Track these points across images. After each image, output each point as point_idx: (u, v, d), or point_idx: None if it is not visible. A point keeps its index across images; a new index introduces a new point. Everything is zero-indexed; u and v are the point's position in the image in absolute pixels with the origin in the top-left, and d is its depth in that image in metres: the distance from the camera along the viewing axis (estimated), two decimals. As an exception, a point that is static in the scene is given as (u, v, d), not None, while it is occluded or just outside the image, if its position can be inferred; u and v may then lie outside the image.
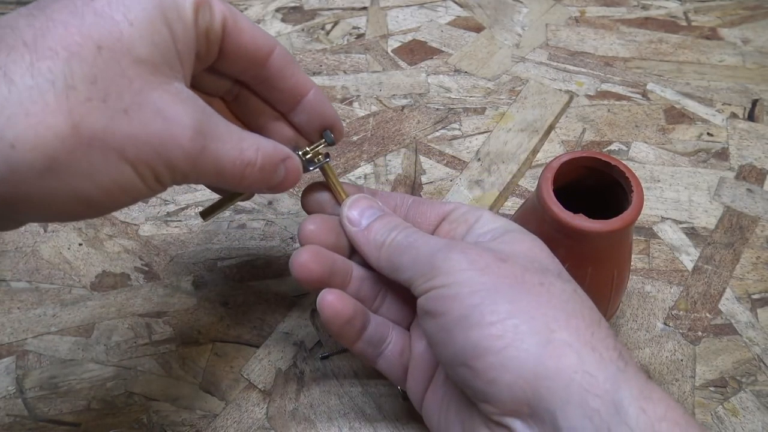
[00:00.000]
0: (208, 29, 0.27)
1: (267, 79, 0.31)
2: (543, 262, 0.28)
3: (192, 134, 0.25)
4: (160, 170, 0.25)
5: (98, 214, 0.26)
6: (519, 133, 0.50)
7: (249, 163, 0.28)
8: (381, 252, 0.31)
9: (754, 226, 0.45)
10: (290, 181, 0.31)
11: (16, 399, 0.38)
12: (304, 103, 0.32)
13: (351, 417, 0.38)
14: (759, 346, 0.40)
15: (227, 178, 0.28)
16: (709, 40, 0.56)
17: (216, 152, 0.26)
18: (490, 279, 0.26)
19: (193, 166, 0.26)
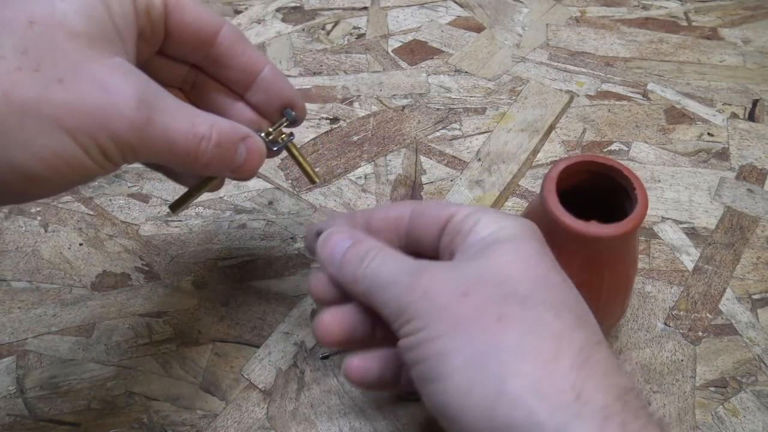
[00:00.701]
0: (148, 6, 0.28)
1: (219, 59, 0.31)
2: (513, 282, 0.26)
3: (135, 104, 0.25)
4: (104, 141, 0.24)
5: (47, 192, 0.26)
6: (519, 133, 0.50)
7: (203, 137, 0.27)
8: (357, 290, 0.29)
9: (755, 226, 0.45)
10: (253, 162, 0.30)
11: (17, 399, 0.38)
12: (260, 82, 0.32)
13: (351, 417, 0.38)
14: (759, 346, 0.40)
15: (181, 153, 0.27)
16: (710, 40, 0.56)
17: (164, 124, 0.26)
18: (447, 323, 0.25)
19: (140, 137, 0.25)
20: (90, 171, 0.25)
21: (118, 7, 0.26)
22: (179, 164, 0.28)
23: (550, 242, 0.32)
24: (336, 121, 0.51)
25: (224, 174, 0.30)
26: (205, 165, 0.28)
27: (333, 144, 0.50)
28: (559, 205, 0.31)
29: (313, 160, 0.49)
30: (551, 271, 0.27)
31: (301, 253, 0.44)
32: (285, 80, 0.33)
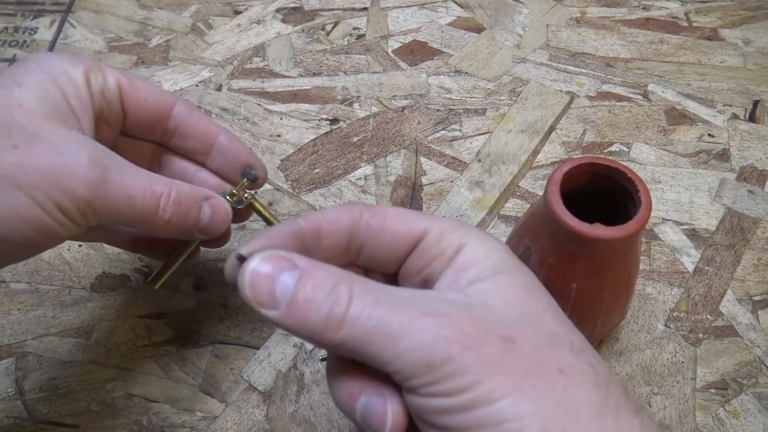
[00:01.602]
0: (103, 89, 0.30)
1: (176, 131, 0.34)
2: (545, 322, 0.23)
3: (89, 163, 0.27)
4: (59, 198, 0.26)
5: (13, 255, 0.27)
6: (520, 134, 0.50)
7: (162, 193, 0.29)
8: (334, 339, 0.22)
9: (755, 227, 0.45)
10: (219, 220, 0.32)
11: (16, 401, 0.38)
12: (217, 147, 0.34)
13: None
14: (760, 348, 0.40)
15: (141, 209, 0.29)
16: (710, 41, 0.56)
17: (122, 182, 0.28)
18: (509, 380, 0.21)
19: (96, 194, 0.27)
20: (50, 229, 0.26)
21: (72, 89, 0.29)
22: (142, 222, 0.29)
23: (553, 245, 0.32)
24: (336, 121, 0.51)
25: (191, 234, 0.32)
26: (167, 222, 0.30)
27: (333, 145, 0.50)
28: (564, 207, 0.31)
29: (313, 161, 0.49)
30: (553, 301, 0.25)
31: (300, 254, 0.44)
32: (240, 143, 0.35)
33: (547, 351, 0.22)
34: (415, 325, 0.21)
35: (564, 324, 0.24)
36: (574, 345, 0.23)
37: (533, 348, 0.22)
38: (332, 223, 0.25)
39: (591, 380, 0.22)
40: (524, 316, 0.23)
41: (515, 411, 0.21)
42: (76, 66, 0.30)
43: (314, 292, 0.22)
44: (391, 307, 0.22)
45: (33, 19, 0.59)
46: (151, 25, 0.59)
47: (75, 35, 0.58)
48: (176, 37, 0.57)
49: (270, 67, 0.55)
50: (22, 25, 0.59)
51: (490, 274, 0.24)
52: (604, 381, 0.22)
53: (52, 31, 0.58)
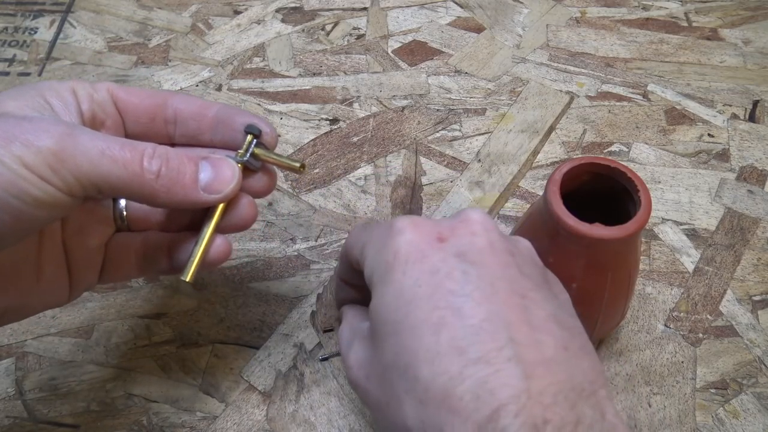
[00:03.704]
0: (91, 93, 0.30)
1: (176, 118, 0.32)
2: (406, 358, 0.25)
3: (54, 121, 0.26)
4: (19, 151, 0.24)
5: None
6: (519, 134, 0.50)
7: (144, 149, 0.27)
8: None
9: (755, 227, 0.45)
10: (224, 176, 0.29)
11: (16, 401, 0.38)
12: (216, 119, 0.32)
13: (351, 419, 0.37)
14: (760, 347, 0.40)
15: (122, 163, 0.26)
16: (710, 41, 0.56)
17: (93, 138, 0.26)
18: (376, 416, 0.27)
19: (61, 144, 0.25)
20: (15, 186, 0.24)
21: (55, 95, 0.28)
22: (127, 180, 0.27)
23: (553, 244, 0.32)
24: (336, 121, 0.51)
25: (196, 195, 0.29)
26: (158, 177, 0.27)
27: (333, 145, 0.50)
28: (564, 207, 0.31)
29: (313, 161, 0.49)
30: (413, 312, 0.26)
31: (300, 254, 0.44)
32: (238, 109, 0.33)
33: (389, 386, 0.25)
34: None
35: (417, 353, 0.24)
36: (417, 381, 0.24)
37: (382, 398, 0.26)
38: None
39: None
40: (394, 364, 0.25)
41: None
42: (62, 82, 0.30)
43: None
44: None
45: (33, 19, 0.59)
46: (151, 25, 0.59)
47: (75, 35, 0.58)
48: (176, 37, 0.57)
49: (270, 67, 0.55)
50: (22, 25, 0.58)
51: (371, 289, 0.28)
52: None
53: (52, 31, 0.58)
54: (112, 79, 0.54)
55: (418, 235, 0.27)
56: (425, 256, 0.26)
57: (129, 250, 0.33)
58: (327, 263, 0.44)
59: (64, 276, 0.31)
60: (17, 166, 0.24)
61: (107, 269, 0.32)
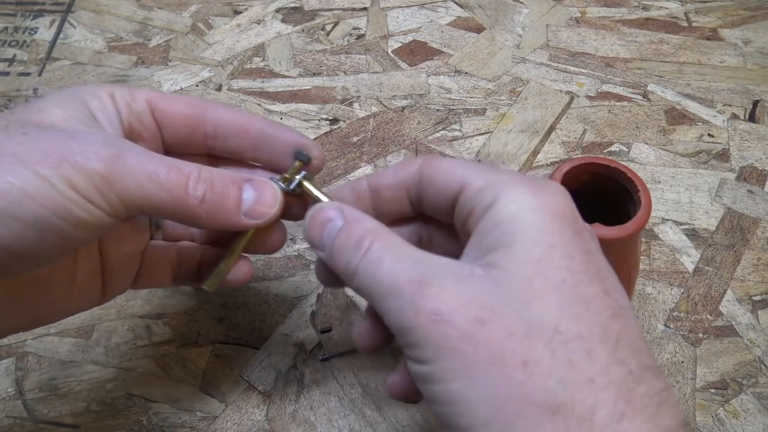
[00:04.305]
0: (129, 103, 0.29)
1: (217, 133, 0.31)
2: (538, 305, 0.22)
3: (102, 140, 0.25)
4: (68, 172, 0.24)
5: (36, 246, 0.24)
6: (519, 134, 0.50)
7: (190, 172, 0.26)
8: (353, 285, 0.25)
9: (755, 227, 0.45)
10: (266, 201, 0.28)
11: (16, 400, 0.38)
12: (262, 138, 0.31)
13: (351, 419, 0.37)
14: (760, 347, 0.40)
15: (168, 187, 0.26)
16: (710, 41, 0.56)
17: (140, 159, 0.26)
18: (463, 364, 0.22)
19: (110, 167, 0.25)
20: (62, 208, 0.24)
21: (97, 102, 0.28)
22: (171, 204, 0.26)
23: None
24: (336, 121, 0.51)
25: (237, 219, 0.28)
26: (201, 202, 0.27)
27: (333, 145, 0.50)
28: None
29: (313, 161, 0.49)
30: (583, 281, 0.23)
31: (300, 254, 0.44)
32: (286, 128, 0.32)
33: (516, 340, 0.21)
34: (399, 289, 0.23)
35: (566, 309, 0.22)
36: (559, 336, 0.22)
37: (503, 335, 0.22)
38: (390, 178, 0.28)
39: (558, 378, 0.21)
40: (516, 298, 0.22)
41: (464, 396, 0.21)
42: (102, 87, 0.29)
43: (343, 243, 0.25)
44: (391, 270, 0.24)
45: (33, 19, 0.59)
46: (151, 25, 0.59)
47: (75, 35, 0.58)
48: (176, 37, 0.57)
49: (270, 67, 0.55)
50: (22, 25, 0.59)
51: (506, 243, 0.23)
52: (581, 380, 0.21)
53: (52, 31, 0.58)
54: (111, 79, 0.54)
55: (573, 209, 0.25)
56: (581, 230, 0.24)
57: (164, 260, 0.33)
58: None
59: (98, 282, 0.31)
60: (65, 188, 0.24)
61: (141, 276, 0.32)
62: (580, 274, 0.23)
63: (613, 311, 0.23)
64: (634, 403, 0.21)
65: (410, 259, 0.24)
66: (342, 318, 0.41)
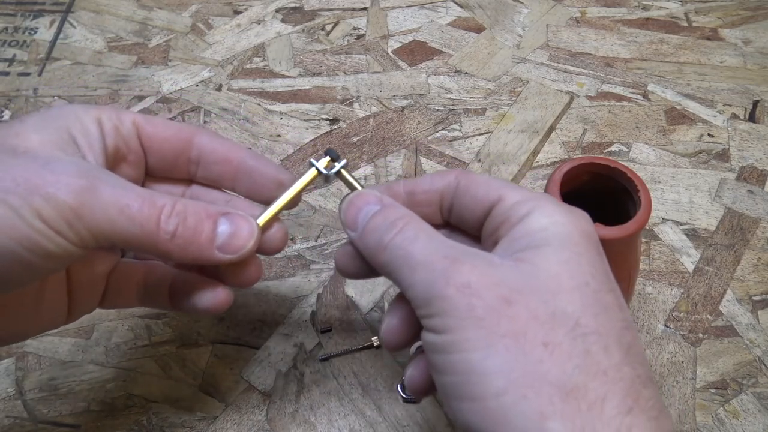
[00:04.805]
0: (117, 126, 0.29)
1: (200, 159, 0.31)
2: (563, 298, 0.23)
3: (75, 171, 0.25)
4: (38, 204, 0.23)
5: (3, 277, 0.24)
6: (519, 134, 0.50)
7: (163, 205, 0.26)
8: (380, 260, 0.26)
9: (755, 227, 0.45)
10: (241, 237, 0.28)
11: (16, 400, 0.38)
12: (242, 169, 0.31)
13: (351, 419, 0.37)
14: (760, 347, 0.40)
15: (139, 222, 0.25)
16: (710, 41, 0.56)
17: (113, 192, 0.25)
18: (485, 335, 0.22)
19: (81, 199, 0.24)
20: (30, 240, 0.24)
21: (79, 126, 0.28)
22: (143, 237, 0.26)
23: None
24: (336, 121, 0.51)
25: (210, 254, 0.28)
26: (173, 237, 0.26)
27: (333, 145, 0.50)
28: None
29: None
30: (603, 289, 0.24)
31: (300, 254, 0.44)
32: (266, 161, 0.32)
33: (540, 323, 0.23)
34: (431, 263, 0.24)
35: (587, 308, 0.23)
36: (579, 328, 0.23)
37: (527, 316, 0.23)
38: (426, 184, 0.29)
39: (575, 363, 0.22)
40: (543, 288, 0.23)
41: (482, 365, 0.22)
42: (88, 110, 0.29)
43: (378, 223, 0.27)
44: (425, 246, 0.25)
45: (33, 19, 0.59)
46: (151, 25, 0.59)
47: (75, 35, 0.58)
48: (176, 37, 0.57)
49: (270, 67, 0.55)
50: (22, 25, 0.59)
51: (537, 245, 0.24)
52: (596, 370, 0.22)
53: (52, 31, 0.58)
54: (111, 79, 0.54)
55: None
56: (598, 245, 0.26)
57: (131, 281, 0.32)
58: (327, 263, 0.44)
59: (64, 302, 0.31)
60: (34, 219, 0.24)
61: (108, 297, 0.32)
62: (601, 284, 0.24)
63: (626, 324, 0.24)
64: (641, 402, 0.22)
65: (444, 241, 0.25)
66: (342, 318, 0.41)
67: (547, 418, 0.21)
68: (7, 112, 0.52)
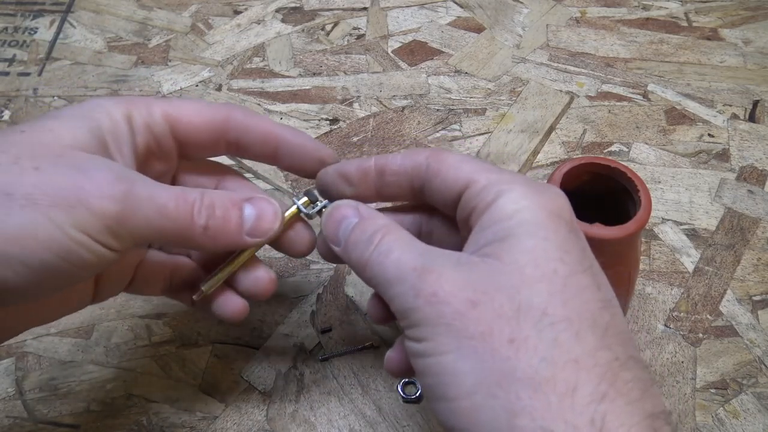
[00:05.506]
0: (148, 123, 0.29)
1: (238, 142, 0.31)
2: (529, 291, 0.23)
3: (113, 177, 0.25)
4: (81, 215, 0.24)
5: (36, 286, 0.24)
6: (519, 134, 0.50)
7: (194, 200, 0.27)
8: (364, 277, 0.27)
9: (755, 227, 0.45)
10: (267, 219, 0.29)
11: (16, 401, 0.38)
12: (282, 147, 0.31)
13: (351, 419, 0.37)
14: (760, 347, 0.40)
15: (174, 218, 0.26)
16: (710, 41, 0.56)
17: (150, 193, 0.26)
18: (455, 339, 0.23)
19: (123, 207, 0.25)
20: (70, 252, 0.24)
21: (109, 124, 0.28)
22: (178, 234, 0.27)
23: None
24: (336, 121, 0.51)
25: (240, 239, 0.29)
26: (205, 229, 0.27)
27: (333, 145, 0.50)
28: None
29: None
30: (575, 271, 0.24)
31: (300, 254, 0.44)
32: (305, 137, 0.32)
33: (506, 320, 0.23)
34: (403, 276, 0.25)
35: (555, 295, 0.23)
36: (546, 318, 0.23)
37: (492, 315, 0.23)
38: (396, 164, 0.29)
39: (541, 356, 0.22)
40: (508, 283, 0.23)
41: (453, 367, 0.23)
42: (119, 104, 0.29)
43: (357, 238, 0.27)
44: (397, 259, 0.25)
45: (33, 19, 0.59)
46: (151, 25, 0.59)
47: (75, 35, 0.58)
48: (176, 37, 0.57)
49: (270, 67, 0.55)
50: (22, 25, 0.58)
51: (502, 237, 0.24)
52: (565, 360, 0.22)
53: (52, 31, 0.58)
54: (111, 79, 0.54)
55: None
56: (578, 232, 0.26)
57: (158, 274, 0.33)
58: (327, 263, 0.44)
59: (91, 289, 0.31)
60: (76, 232, 0.24)
61: (134, 285, 0.33)
62: (573, 266, 0.24)
63: (603, 303, 0.24)
64: (618, 386, 0.22)
65: (415, 250, 0.26)
66: (342, 318, 0.41)
67: (516, 416, 0.22)
68: (6, 112, 0.52)
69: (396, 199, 0.30)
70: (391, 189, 0.29)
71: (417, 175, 0.28)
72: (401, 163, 0.29)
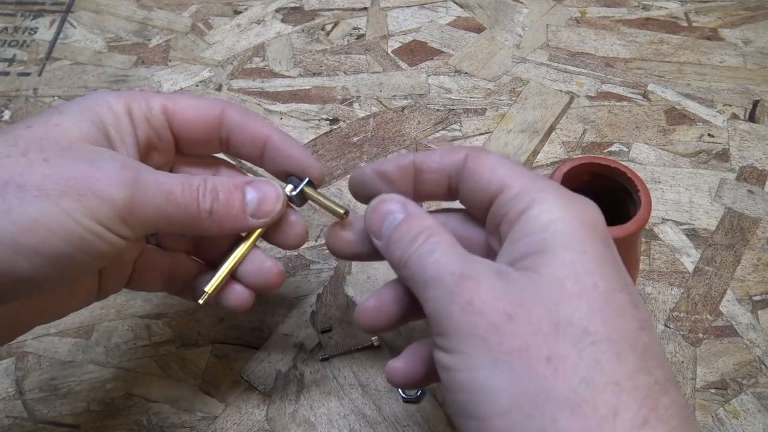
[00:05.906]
0: (147, 117, 0.30)
1: (229, 139, 0.32)
2: (568, 307, 0.22)
3: (120, 166, 0.26)
4: (91, 203, 0.25)
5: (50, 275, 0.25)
6: (520, 134, 0.50)
7: (198, 185, 0.28)
8: (402, 274, 0.27)
9: (755, 227, 0.45)
10: (270, 199, 0.30)
11: (16, 400, 0.38)
12: (268, 149, 0.32)
13: (351, 419, 0.37)
14: (760, 347, 0.40)
15: (181, 203, 0.27)
16: (710, 41, 0.56)
17: (156, 180, 0.27)
18: (489, 354, 0.22)
19: (132, 193, 0.26)
20: (82, 241, 0.25)
21: (111, 117, 0.28)
22: (186, 219, 0.28)
23: None
24: (336, 121, 0.51)
25: (245, 221, 0.29)
26: (210, 213, 0.28)
27: (332, 145, 0.50)
28: None
29: (313, 161, 0.49)
30: (614, 288, 0.23)
31: (300, 254, 0.44)
32: (292, 142, 0.32)
33: (542, 336, 0.22)
34: (441, 279, 0.24)
35: (596, 312, 0.22)
36: (588, 336, 0.22)
37: (530, 330, 0.22)
38: (435, 162, 0.28)
39: (581, 376, 0.21)
40: (546, 297, 0.22)
41: (486, 384, 0.22)
42: (119, 97, 0.29)
43: (401, 235, 0.27)
44: (438, 261, 0.25)
45: (33, 19, 0.59)
46: (151, 25, 0.59)
47: (75, 35, 0.58)
48: (176, 37, 0.57)
49: (270, 67, 0.55)
50: (22, 25, 0.59)
51: (538, 250, 0.24)
52: (606, 381, 0.21)
53: (52, 31, 0.58)
54: (111, 79, 0.54)
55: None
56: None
57: (156, 270, 0.33)
58: (327, 263, 0.44)
59: (95, 285, 0.32)
60: (88, 221, 0.25)
61: (134, 279, 0.33)
62: (611, 283, 0.23)
63: (641, 323, 0.23)
64: (659, 412, 0.21)
65: (457, 255, 0.25)
66: (342, 318, 0.41)
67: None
68: (7, 112, 0.52)
69: (432, 198, 0.29)
70: (428, 188, 0.29)
71: (454, 175, 0.28)
72: (440, 161, 0.28)
